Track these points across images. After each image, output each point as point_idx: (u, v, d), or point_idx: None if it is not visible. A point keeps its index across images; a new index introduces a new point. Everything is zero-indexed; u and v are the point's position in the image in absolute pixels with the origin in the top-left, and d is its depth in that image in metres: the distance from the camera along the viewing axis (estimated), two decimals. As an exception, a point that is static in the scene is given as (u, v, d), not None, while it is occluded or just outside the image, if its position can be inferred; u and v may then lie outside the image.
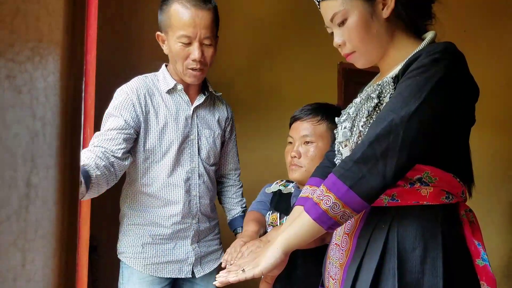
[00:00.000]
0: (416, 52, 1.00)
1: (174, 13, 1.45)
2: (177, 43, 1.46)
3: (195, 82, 1.54)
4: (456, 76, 0.94)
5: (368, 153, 0.92)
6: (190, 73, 1.50)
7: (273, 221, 1.49)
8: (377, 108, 1.01)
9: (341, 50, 1.09)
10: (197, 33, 1.44)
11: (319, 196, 0.96)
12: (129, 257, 1.55)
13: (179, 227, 1.56)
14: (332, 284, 1.09)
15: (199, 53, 1.45)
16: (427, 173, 0.97)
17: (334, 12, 1.04)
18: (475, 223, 1.03)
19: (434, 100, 0.92)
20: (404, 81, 0.95)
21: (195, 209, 1.58)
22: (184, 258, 1.57)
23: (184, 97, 1.57)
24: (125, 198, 1.60)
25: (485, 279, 0.97)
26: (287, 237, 1.00)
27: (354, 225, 1.05)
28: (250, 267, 1.02)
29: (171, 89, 1.55)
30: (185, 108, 1.57)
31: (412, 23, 1.06)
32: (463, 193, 1.02)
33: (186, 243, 1.58)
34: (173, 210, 1.54)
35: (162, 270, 1.55)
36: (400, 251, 0.94)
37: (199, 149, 1.59)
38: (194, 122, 1.59)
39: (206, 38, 1.46)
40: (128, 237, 1.56)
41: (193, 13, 1.43)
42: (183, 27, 1.44)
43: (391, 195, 0.98)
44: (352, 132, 1.05)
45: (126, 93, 1.49)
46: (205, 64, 1.50)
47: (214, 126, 1.65)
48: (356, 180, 0.92)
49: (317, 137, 1.44)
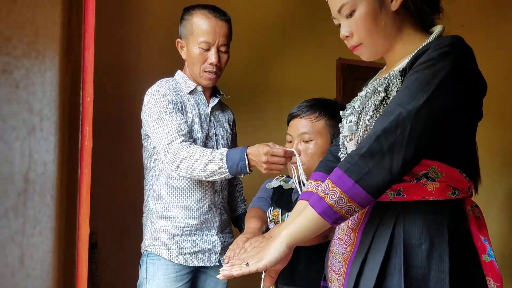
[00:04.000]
0: (424, 46, 0.99)
1: (197, 21, 1.65)
2: (197, 48, 1.65)
3: (210, 84, 1.71)
4: (465, 70, 0.94)
5: (375, 147, 0.91)
6: (205, 76, 1.67)
7: (275, 217, 1.48)
8: (384, 102, 1.00)
9: (348, 42, 1.09)
10: (216, 40, 1.64)
11: (324, 190, 0.95)
12: (161, 249, 1.62)
13: (206, 217, 1.67)
14: (335, 278, 1.09)
15: (216, 57, 1.64)
16: (433, 168, 0.97)
17: (342, 3, 1.04)
18: (481, 219, 1.02)
19: (442, 94, 0.91)
20: (411, 75, 0.95)
21: (218, 201, 1.72)
22: (212, 247, 1.68)
23: (203, 98, 1.74)
24: (151, 191, 1.69)
25: (491, 275, 0.96)
26: (292, 231, 1.00)
27: (359, 220, 1.04)
28: (254, 261, 1.01)
29: (192, 90, 1.70)
30: (204, 108, 1.73)
31: (420, 16, 1.05)
32: (469, 189, 1.01)
33: (212, 233, 1.69)
34: (201, 201, 1.66)
35: (193, 260, 1.65)
36: (406, 246, 0.94)
37: (217, 145, 1.73)
38: (212, 121, 1.75)
39: (223, 45, 1.66)
40: (157, 229, 1.65)
41: (214, 22, 1.64)
42: (204, 34, 1.63)
43: (397, 190, 0.98)
44: (358, 126, 1.04)
45: (165, 93, 1.62)
46: (220, 69, 1.68)
47: (226, 125, 1.81)
48: (362, 175, 0.91)
49: (316, 134, 1.43)
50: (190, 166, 1.51)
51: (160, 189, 1.67)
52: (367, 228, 1.01)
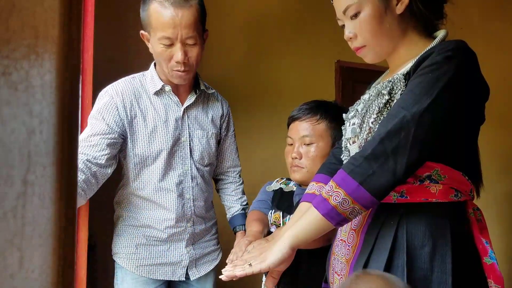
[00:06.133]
0: (428, 50, 0.99)
1: (153, 12, 1.36)
2: (159, 44, 1.38)
3: (182, 82, 1.48)
4: (468, 75, 0.94)
5: (379, 150, 0.92)
6: (175, 74, 1.43)
7: (276, 220, 1.48)
8: (387, 105, 1.01)
9: (351, 43, 1.09)
10: (177, 33, 1.35)
11: (328, 192, 0.95)
12: (122, 258, 1.53)
13: (173, 230, 1.52)
14: (337, 280, 1.09)
15: (182, 54, 1.37)
16: (436, 170, 0.97)
17: (347, 4, 1.04)
18: (482, 222, 1.02)
19: (445, 97, 0.91)
20: (415, 78, 0.95)
21: (190, 212, 1.54)
22: (178, 260, 1.54)
23: (174, 98, 1.51)
24: (119, 199, 1.57)
25: (493, 277, 0.96)
26: (295, 232, 1.00)
27: (362, 221, 1.04)
28: (257, 261, 1.01)
29: (159, 91, 1.49)
30: (175, 109, 1.51)
31: (424, 20, 1.06)
32: (471, 192, 1.02)
33: (181, 245, 1.54)
34: (167, 215, 1.51)
35: (155, 272, 1.52)
36: (409, 248, 0.94)
37: (191, 151, 1.54)
38: (185, 124, 1.53)
39: (189, 38, 1.37)
40: (122, 237, 1.54)
41: (172, 12, 1.33)
42: (162, 28, 1.35)
43: (400, 192, 0.98)
44: (362, 128, 1.04)
45: (110, 96, 1.43)
46: (190, 65, 1.42)
47: (207, 125, 1.59)
48: (366, 177, 0.91)
49: (317, 137, 1.42)
50: None
51: (126, 198, 1.54)
52: (370, 230, 1.01)
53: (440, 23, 1.09)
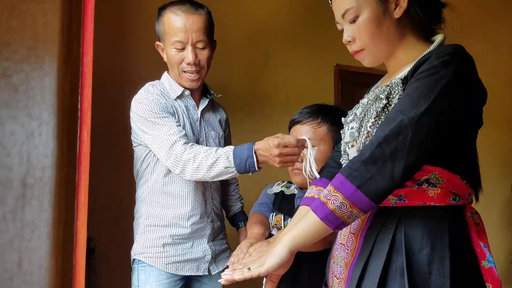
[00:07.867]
0: (426, 54, 1.00)
1: (167, 20, 1.54)
2: (172, 49, 1.54)
3: (193, 86, 1.60)
4: (466, 79, 0.94)
5: (377, 154, 0.92)
6: (185, 77, 1.57)
7: (277, 222, 1.48)
8: (385, 109, 1.01)
9: (350, 47, 1.09)
10: (189, 37, 1.52)
11: (326, 196, 0.95)
12: (150, 257, 1.58)
13: (197, 226, 1.61)
14: (336, 283, 1.09)
15: (193, 56, 1.53)
16: (434, 174, 0.97)
17: (346, 8, 1.05)
18: (480, 225, 1.02)
19: (443, 102, 0.92)
20: (413, 83, 0.95)
21: (210, 209, 1.65)
22: (202, 256, 1.63)
23: (191, 102, 1.65)
24: (142, 198, 1.63)
25: (491, 281, 0.96)
26: (294, 236, 1.00)
27: (360, 225, 1.05)
28: (256, 265, 1.01)
29: (180, 95, 1.61)
30: (193, 112, 1.65)
31: (422, 25, 1.06)
32: (469, 195, 1.02)
33: (203, 241, 1.64)
34: (192, 211, 1.60)
35: (183, 268, 1.60)
36: (407, 251, 0.94)
37: None
38: (202, 125, 1.66)
39: (199, 42, 1.54)
40: (147, 237, 1.60)
41: (184, 18, 1.52)
42: (175, 32, 1.52)
43: (399, 195, 0.98)
44: (360, 132, 1.05)
45: (153, 99, 1.53)
46: (200, 67, 1.57)
47: (217, 127, 1.72)
48: (364, 181, 0.92)
49: (319, 140, 1.42)
50: (195, 168, 1.42)
51: (150, 196, 1.61)
52: (369, 233, 1.01)
53: (438, 28, 1.09)
